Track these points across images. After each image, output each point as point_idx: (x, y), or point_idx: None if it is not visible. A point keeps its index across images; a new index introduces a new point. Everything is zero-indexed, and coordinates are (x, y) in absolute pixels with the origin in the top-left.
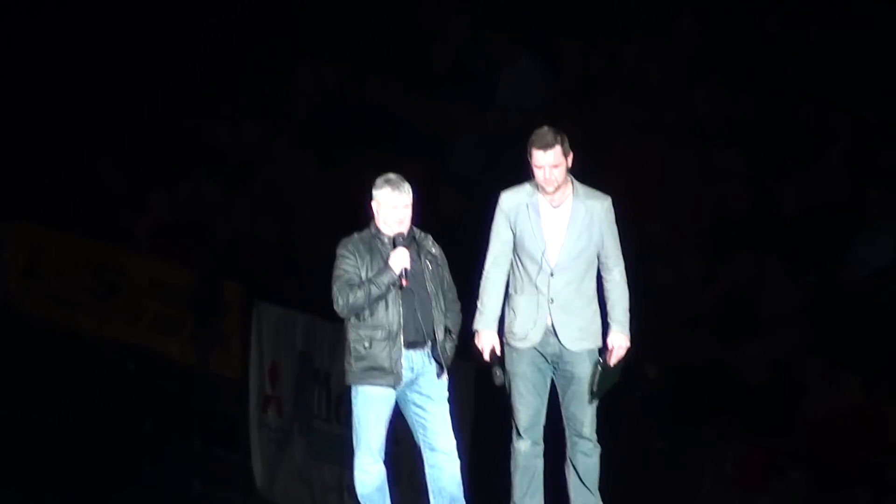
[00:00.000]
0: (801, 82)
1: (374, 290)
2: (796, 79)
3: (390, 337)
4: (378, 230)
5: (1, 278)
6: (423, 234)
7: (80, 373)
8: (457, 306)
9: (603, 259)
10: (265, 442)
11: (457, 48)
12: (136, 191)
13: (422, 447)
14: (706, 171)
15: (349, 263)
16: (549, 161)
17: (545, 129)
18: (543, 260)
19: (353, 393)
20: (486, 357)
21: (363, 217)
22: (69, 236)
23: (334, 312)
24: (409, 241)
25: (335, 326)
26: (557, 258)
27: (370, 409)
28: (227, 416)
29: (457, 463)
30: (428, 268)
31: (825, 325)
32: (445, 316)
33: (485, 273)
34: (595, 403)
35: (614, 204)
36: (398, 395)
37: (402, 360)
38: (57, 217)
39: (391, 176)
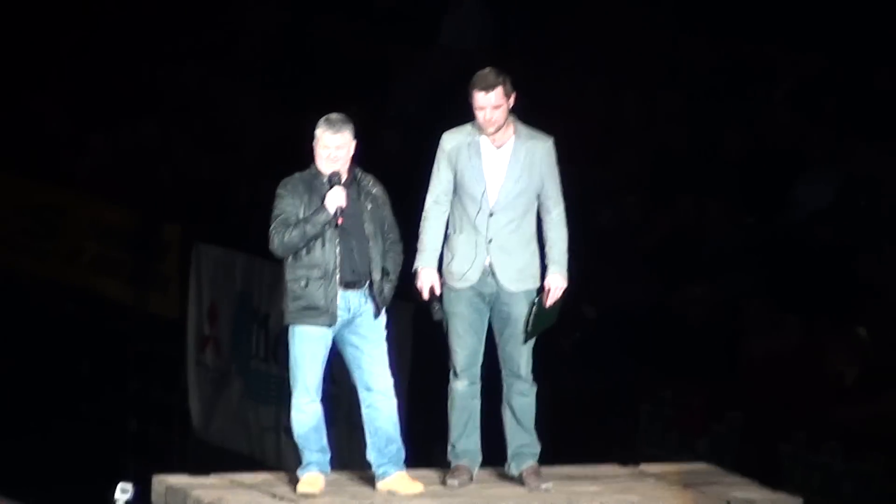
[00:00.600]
0: (744, 24)
1: (310, 229)
2: (739, 20)
3: (326, 276)
4: (318, 170)
5: None
6: (364, 174)
7: (17, 312)
8: (398, 247)
9: (543, 200)
10: (203, 382)
11: None
12: (76, 131)
13: (358, 387)
14: (648, 113)
15: (287, 202)
16: (490, 102)
17: (487, 70)
18: (483, 200)
19: (290, 332)
20: (426, 296)
21: (304, 158)
22: (7, 176)
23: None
24: (350, 181)
25: (274, 267)
26: (497, 198)
27: (306, 349)
28: (165, 356)
29: (393, 403)
30: (367, 208)
31: (766, 266)
32: (385, 257)
33: (425, 212)
34: (531, 343)
35: (556, 145)
36: (336, 335)
37: (338, 300)
38: None
39: (332, 116)
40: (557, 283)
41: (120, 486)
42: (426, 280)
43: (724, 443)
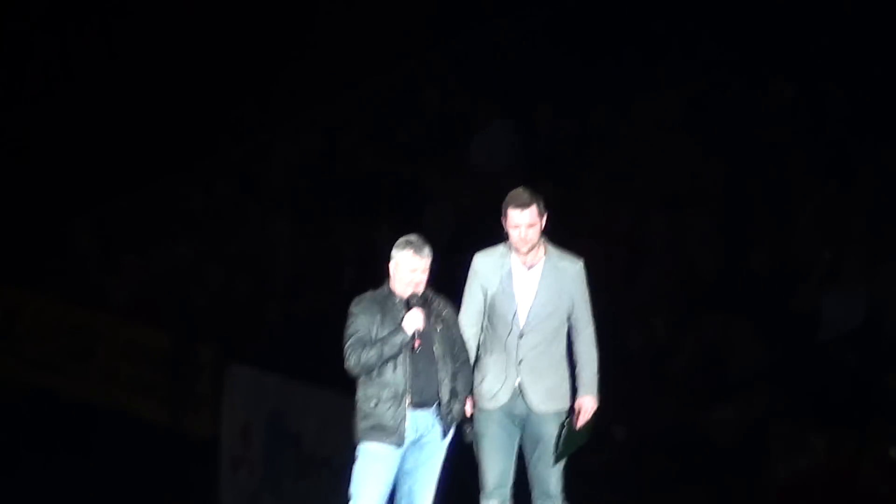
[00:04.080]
0: (769, 147)
1: (387, 350)
2: (765, 144)
3: (396, 397)
4: (391, 290)
5: None
6: (435, 295)
7: (54, 433)
8: (468, 366)
9: (573, 321)
10: (236, 501)
11: (429, 115)
12: (111, 254)
13: (399, 500)
14: (675, 234)
15: (361, 321)
16: (525, 220)
17: (521, 189)
18: (513, 321)
19: (357, 449)
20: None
21: (338, 279)
22: (44, 299)
23: (306, 373)
24: (422, 302)
25: (307, 388)
26: (527, 319)
27: (370, 467)
28: (200, 475)
29: None
30: (437, 330)
31: (793, 387)
32: (455, 378)
33: None
34: (561, 463)
35: (586, 267)
36: (404, 453)
37: (407, 421)
38: (32, 280)
39: (413, 238)
40: (588, 405)
41: None
42: None
43: None
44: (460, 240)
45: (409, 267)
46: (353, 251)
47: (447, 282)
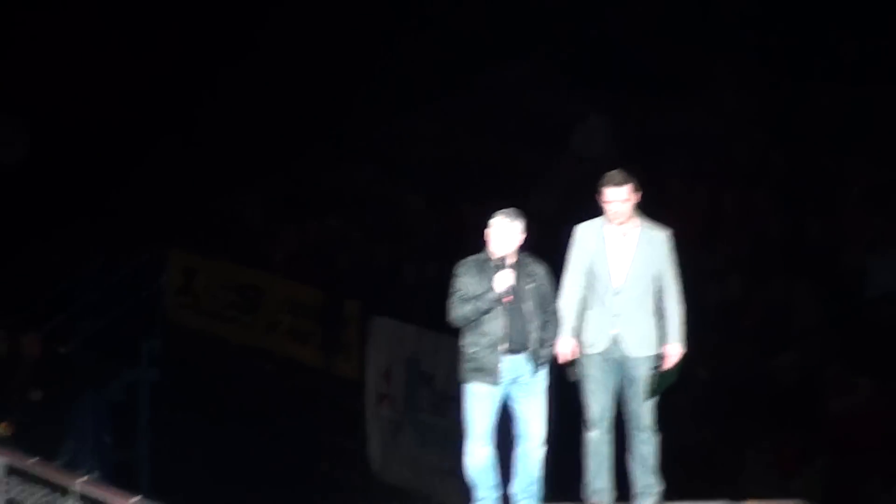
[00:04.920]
0: (824, 138)
1: (481, 305)
2: (820, 135)
3: (493, 343)
4: (489, 254)
5: (161, 296)
6: (528, 257)
7: (226, 374)
8: (556, 317)
9: (661, 281)
10: (380, 432)
11: (537, 109)
12: (273, 224)
13: (516, 434)
14: (746, 209)
15: (462, 281)
16: (619, 197)
17: (616, 171)
18: (610, 281)
19: (463, 389)
20: (563, 360)
21: (462, 245)
22: (218, 261)
23: (438, 324)
24: (515, 264)
25: (439, 336)
26: (622, 279)
27: (476, 403)
28: (349, 410)
29: (542, 451)
30: (528, 287)
31: (844, 338)
32: (544, 327)
33: (562, 292)
34: (653, 400)
35: (672, 236)
36: (505, 391)
37: (502, 364)
38: (208, 245)
39: (508, 210)
40: (675, 351)
41: None
42: (564, 347)
43: (814, 483)
44: (563, 214)
45: (498, 229)
46: (472, 222)
47: (552, 249)
